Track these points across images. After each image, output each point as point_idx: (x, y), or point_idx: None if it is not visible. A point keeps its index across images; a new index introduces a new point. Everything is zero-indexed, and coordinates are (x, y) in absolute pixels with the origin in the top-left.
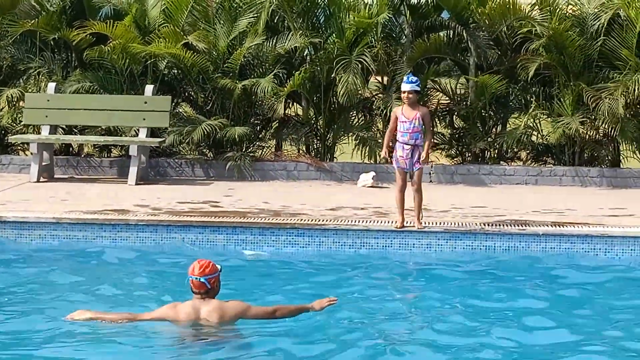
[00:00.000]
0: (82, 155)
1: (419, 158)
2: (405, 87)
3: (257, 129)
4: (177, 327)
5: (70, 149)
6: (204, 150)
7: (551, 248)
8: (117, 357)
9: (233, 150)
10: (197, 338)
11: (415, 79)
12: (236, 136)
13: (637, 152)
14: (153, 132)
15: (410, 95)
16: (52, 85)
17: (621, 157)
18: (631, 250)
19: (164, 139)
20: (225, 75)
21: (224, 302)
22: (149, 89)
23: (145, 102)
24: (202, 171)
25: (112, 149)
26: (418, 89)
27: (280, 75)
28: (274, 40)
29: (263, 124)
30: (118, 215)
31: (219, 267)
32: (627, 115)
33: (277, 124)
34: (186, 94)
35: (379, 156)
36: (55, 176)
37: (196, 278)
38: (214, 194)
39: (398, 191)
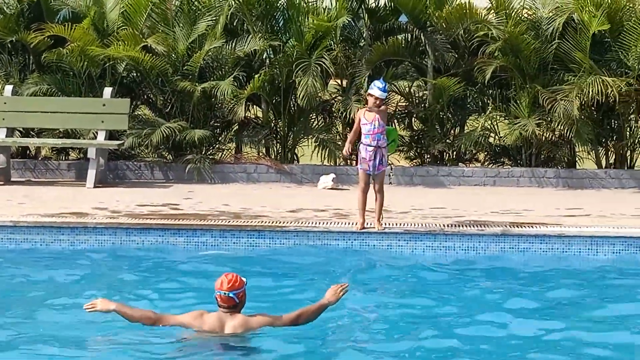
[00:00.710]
0: (40, 158)
1: (382, 160)
2: (377, 92)
3: (216, 131)
4: (199, 335)
5: (28, 151)
6: (163, 153)
7: (510, 248)
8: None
9: (193, 153)
10: (219, 347)
11: (387, 87)
12: (196, 139)
13: (592, 153)
14: (111, 135)
15: (380, 102)
16: (9, 88)
17: (577, 158)
18: (588, 249)
19: (122, 141)
20: (184, 77)
21: (249, 316)
22: (107, 91)
23: (104, 105)
24: (161, 174)
25: (70, 152)
26: (386, 97)
27: (240, 77)
28: (234, 43)
29: (223, 126)
30: (76, 218)
31: (244, 280)
32: (582, 117)
33: (237, 127)
34: (145, 97)
35: (339, 157)
36: (12, 179)
37: (224, 293)
38: (174, 197)
39: (361, 192)
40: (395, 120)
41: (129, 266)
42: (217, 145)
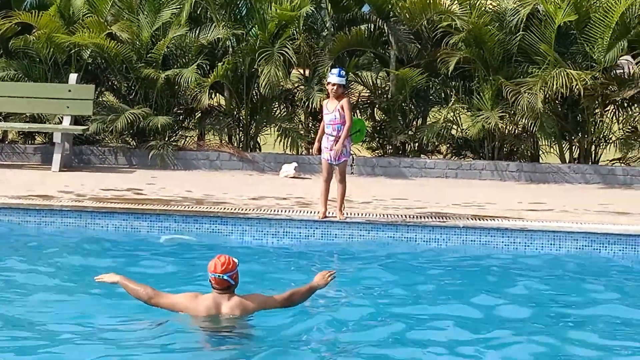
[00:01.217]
0: (6, 142)
1: (343, 150)
2: (333, 79)
3: (180, 118)
4: (194, 318)
5: None
6: (127, 139)
7: (471, 241)
8: (130, 349)
9: (156, 139)
10: (214, 330)
11: (344, 73)
12: (159, 125)
13: (555, 147)
14: (77, 120)
15: (338, 89)
16: None
17: (540, 152)
18: (550, 244)
19: (87, 127)
20: (148, 65)
21: (244, 297)
22: (72, 77)
23: (69, 91)
24: (125, 159)
25: (36, 136)
26: (345, 82)
27: (204, 66)
28: (197, 31)
29: (186, 113)
30: (42, 200)
31: (236, 261)
32: (546, 110)
33: (199, 114)
34: (110, 83)
35: (302, 146)
36: None
37: (219, 276)
38: (137, 182)
39: (323, 181)
40: (358, 111)
41: (94, 249)
42: (180, 132)
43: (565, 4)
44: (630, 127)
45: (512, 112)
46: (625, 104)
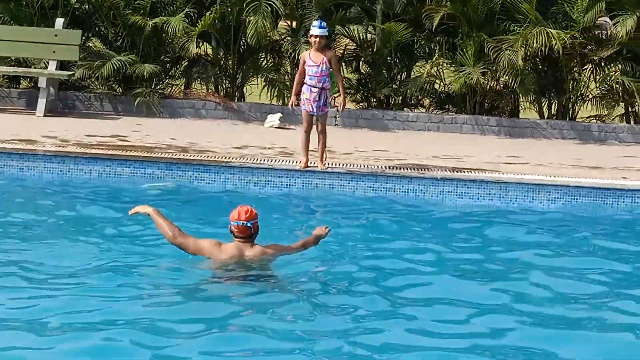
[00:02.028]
0: None
1: (325, 101)
2: (315, 31)
3: (166, 66)
4: (217, 265)
5: None
6: (113, 86)
7: (448, 192)
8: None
9: (142, 87)
10: (239, 277)
11: (325, 24)
12: (145, 73)
13: (534, 104)
14: (62, 65)
15: (320, 40)
16: None
17: (520, 108)
18: (524, 196)
19: (73, 72)
20: (136, 12)
21: (265, 246)
22: (59, 22)
23: (56, 35)
24: (110, 106)
25: (21, 80)
26: (327, 34)
27: (191, 14)
28: None
29: (173, 62)
30: (26, 145)
31: (255, 211)
32: (526, 67)
33: (186, 63)
34: (97, 29)
35: (287, 97)
36: None
37: (243, 223)
38: (122, 129)
39: (303, 132)
40: (344, 64)
41: (77, 194)
42: (166, 81)
43: None
44: (606, 86)
45: (494, 68)
46: (603, 64)
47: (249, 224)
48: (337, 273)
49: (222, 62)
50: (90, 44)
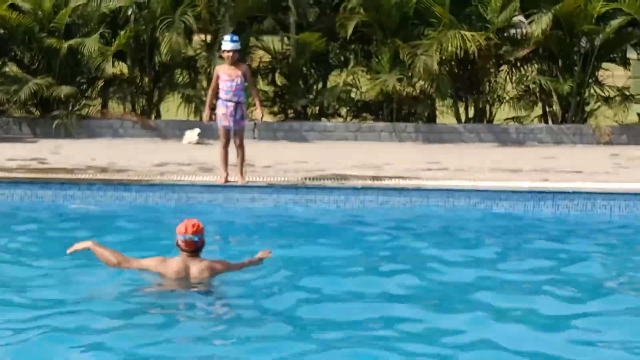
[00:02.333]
0: None
1: (242, 115)
2: (227, 46)
3: (83, 87)
4: (164, 280)
5: None
6: (31, 109)
7: (369, 201)
8: (104, 307)
9: (60, 109)
10: (185, 289)
11: (237, 38)
12: (62, 95)
13: (452, 108)
14: None
15: (234, 55)
16: None
17: (437, 113)
18: (444, 202)
19: None
20: (51, 35)
21: (212, 261)
22: None
23: None
24: (29, 129)
25: None
26: (239, 48)
27: (106, 34)
28: (99, 0)
29: (89, 82)
30: None
31: (201, 224)
32: (442, 72)
33: (102, 83)
34: (13, 54)
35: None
36: None
37: (189, 237)
38: (42, 152)
39: (222, 147)
40: (260, 77)
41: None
42: (83, 101)
43: None
44: (523, 86)
45: (410, 74)
46: (519, 64)
47: (195, 238)
48: (271, 286)
49: (138, 80)
50: (7, 69)
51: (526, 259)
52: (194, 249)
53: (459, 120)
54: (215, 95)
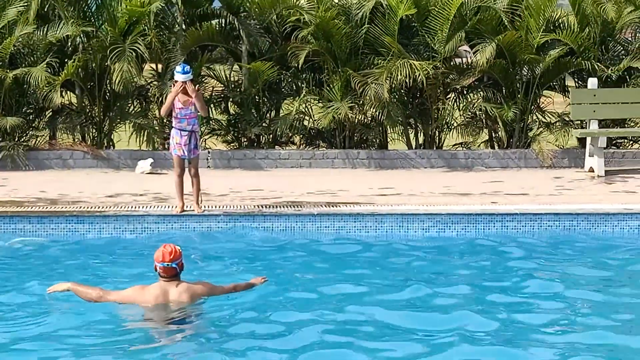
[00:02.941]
0: None
1: (196, 144)
2: (180, 77)
3: (30, 118)
4: (144, 309)
5: None
6: None
7: (325, 227)
8: (86, 339)
9: (6, 140)
10: (165, 319)
11: (188, 68)
12: (8, 126)
13: (403, 134)
14: None
15: (188, 85)
16: None
17: (388, 140)
18: (399, 226)
19: None
20: None
21: (191, 283)
22: None
23: None
24: None
25: None
26: (192, 77)
27: (53, 64)
28: (45, 29)
29: (36, 113)
30: None
31: (180, 248)
32: (393, 99)
33: (50, 113)
34: None
35: (157, 142)
36: None
37: (167, 264)
38: None
39: (176, 177)
40: (212, 105)
41: None
42: (30, 132)
43: None
44: (470, 113)
45: (361, 102)
46: (465, 92)
47: (174, 265)
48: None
49: (87, 110)
50: None
51: (479, 278)
52: (172, 274)
53: (409, 146)
54: (165, 123)
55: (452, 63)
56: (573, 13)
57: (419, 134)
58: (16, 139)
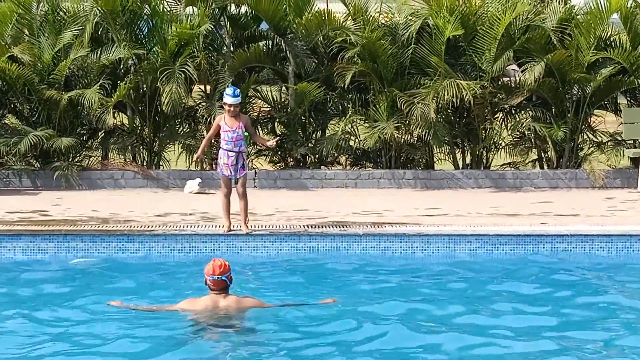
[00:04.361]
0: None
1: (243, 165)
2: (229, 100)
3: (83, 138)
4: (195, 319)
5: None
6: (31, 161)
7: (371, 247)
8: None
9: (60, 160)
10: (214, 328)
11: (239, 91)
12: (62, 147)
13: (449, 154)
14: None
15: (235, 109)
16: None
17: (435, 160)
18: (446, 247)
19: None
20: (50, 86)
21: (241, 297)
22: None
23: None
24: (29, 181)
25: None
26: (240, 101)
27: (106, 85)
28: (99, 52)
29: (90, 133)
30: None
31: (228, 263)
32: (439, 119)
33: (103, 134)
34: (12, 106)
35: (205, 163)
36: None
37: (217, 278)
38: (43, 204)
39: (223, 197)
40: (259, 126)
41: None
42: (84, 153)
43: (453, 18)
44: (518, 133)
45: (407, 122)
46: (513, 111)
47: (223, 278)
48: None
49: (138, 131)
50: (6, 121)
51: (528, 301)
52: (222, 287)
53: (456, 166)
54: (212, 144)
55: (499, 82)
56: (625, 31)
57: (465, 154)
58: (70, 159)
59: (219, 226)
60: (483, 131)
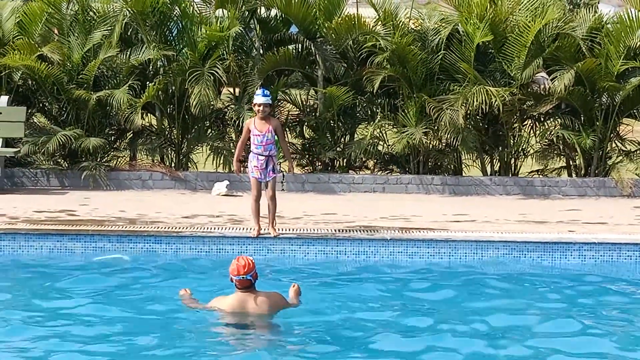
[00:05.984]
0: None
1: (273, 168)
2: (259, 99)
3: (112, 139)
4: (222, 316)
5: None
6: (59, 160)
7: (399, 252)
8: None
9: (88, 160)
10: (240, 325)
11: (268, 92)
12: (91, 146)
13: (477, 161)
14: (8, 142)
15: (265, 109)
16: None
17: (463, 166)
18: (473, 253)
19: (19, 149)
20: (79, 86)
21: (267, 294)
22: (3, 99)
23: (0, 113)
24: (57, 181)
25: None
26: (271, 102)
27: (135, 86)
28: (128, 52)
29: (118, 134)
30: None
31: (253, 259)
32: (468, 125)
33: (131, 134)
34: (41, 105)
35: (233, 165)
36: None
37: (242, 277)
38: (70, 203)
39: (253, 200)
40: (288, 129)
41: (29, 271)
42: (112, 153)
43: (483, 25)
44: (547, 140)
45: (436, 127)
46: (542, 118)
47: (248, 276)
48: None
49: (166, 132)
50: (35, 120)
51: (557, 310)
52: (247, 286)
53: (484, 172)
54: (245, 148)
55: (529, 89)
56: None
57: (494, 161)
58: (98, 159)
59: (247, 229)
60: (511, 138)
